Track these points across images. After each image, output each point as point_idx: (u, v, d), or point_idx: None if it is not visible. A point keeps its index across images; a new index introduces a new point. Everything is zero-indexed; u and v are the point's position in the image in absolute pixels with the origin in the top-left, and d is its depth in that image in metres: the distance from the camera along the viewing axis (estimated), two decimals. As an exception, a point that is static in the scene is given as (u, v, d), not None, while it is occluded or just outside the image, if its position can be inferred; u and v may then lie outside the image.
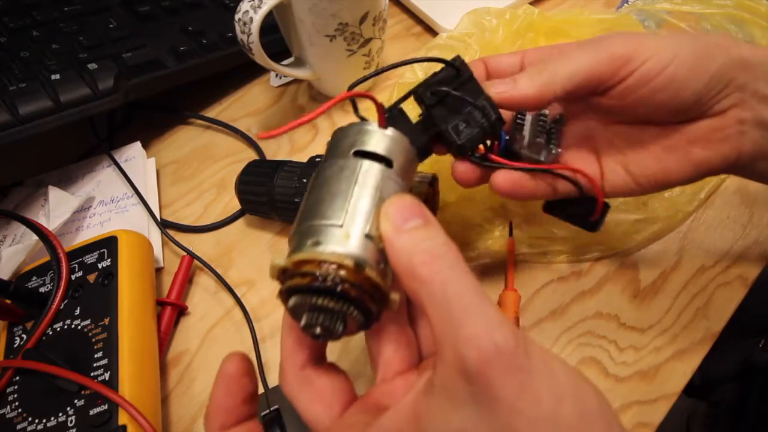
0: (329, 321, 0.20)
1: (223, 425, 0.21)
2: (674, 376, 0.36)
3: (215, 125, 0.51)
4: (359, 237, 0.20)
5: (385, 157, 0.22)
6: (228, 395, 0.21)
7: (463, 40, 0.47)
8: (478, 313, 0.17)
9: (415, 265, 0.18)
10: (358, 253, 0.20)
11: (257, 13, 0.40)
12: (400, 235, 0.19)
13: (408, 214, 0.20)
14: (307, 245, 0.20)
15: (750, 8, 0.45)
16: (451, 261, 0.18)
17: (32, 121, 0.40)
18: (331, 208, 0.21)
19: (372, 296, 0.20)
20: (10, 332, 0.36)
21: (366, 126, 0.23)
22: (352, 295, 0.19)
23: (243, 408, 0.21)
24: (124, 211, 0.45)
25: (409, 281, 0.19)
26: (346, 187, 0.21)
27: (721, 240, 0.41)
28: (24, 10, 0.47)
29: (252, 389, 0.22)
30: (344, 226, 0.20)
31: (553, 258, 0.40)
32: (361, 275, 0.19)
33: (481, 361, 0.17)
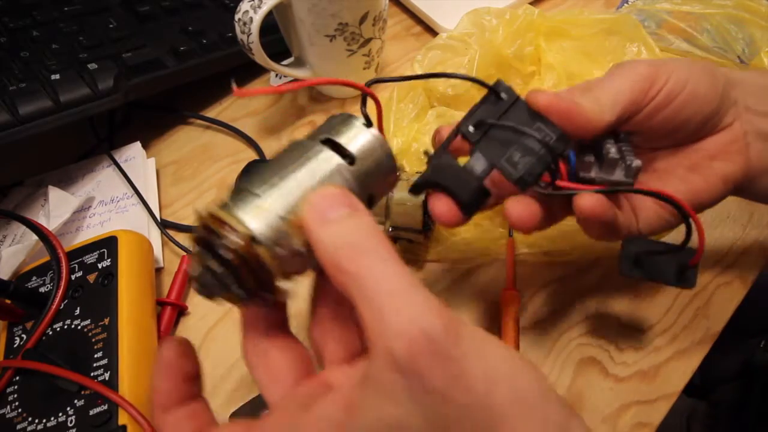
0: (210, 281, 0.20)
1: (163, 407, 0.21)
2: (674, 376, 0.36)
3: (215, 125, 0.51)
4: (271, 214, 0.20)
5: (350, 153, 0.22)
6: (165, 378, 0.21)
7: (463, 40, 0.47)
8: (403, 303, 0.17)
9: (340, 259, 0.18)
10: (260, 229, 0.19)
11: (257, 13, 0.40)
12: (323, 227, 0.19)
13: (333, 203, 0.19)
14: (227, 203, 0.20)
15: (750, 8, 0.45)
16: (375, 252, 0.18)
17: (32, 121, 0.40)
18: (264, 179, 0.20)
19: (256, 274, 0.20)
20: (10, 332, 0.36)
21: (352, 119, 0.23)
22: (234, 265, 0.19)
23: (183, 387, 0.21)
24: (124, 211, 0.45)
25: (335, 275, 0.18)
26: (291, 166, 0.21)
27: (721, 240, 0.41)
28: (24, 10, 0.47)
29: (191, 370, 0.22)
30: (263, 199, 0.20)
31: (553, 258, 0.40)
32: (251, 250, 0.19)
33: (409, 352, 0.17)
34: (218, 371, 0.38)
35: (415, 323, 0.17)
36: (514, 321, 0.37)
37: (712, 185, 0.29)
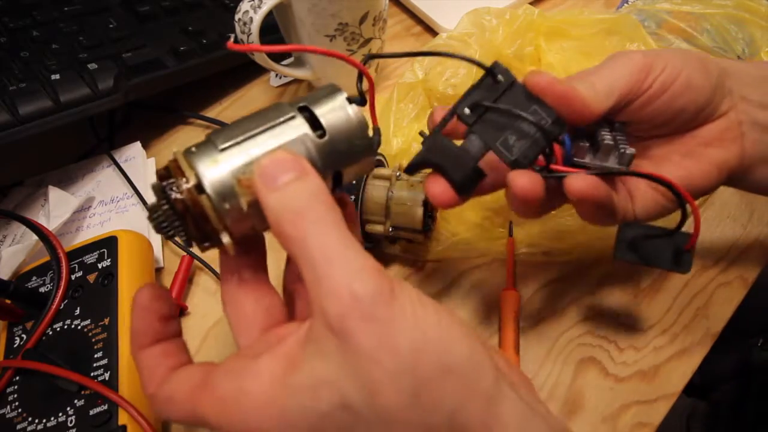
0: (158, 218, 0.21)
1: (140, 345, 0.22)
2: (674, 376, 0.36)
3: (215, 125, 0.51)
4: (225, 169, 0.20)
5: (321, 126, 0.22)
6: (140, 319, 0.22)
7: (463, 40, 0.47)
8: (338, 266, 0.18)
9: (283, 224, 0.19)
10: (209, 179, 0.20)
11: (257, 13, 0.40)
12: (270, 194, 0.19)
13: (282, 168, 0.19)
14: (190, 150, 0.21)
15: (750, 8, 0.45)
16: (317, 217, 0.19)
17: (32, 121, 0.40)
18: (229, 134, 0.21)
19: (195, 221, 0.20)
20: (10, 332, 0.36)
21: (337, 94, 0.23)
22: (177, 208, 0.20)
23: (157, 327, 0.22)
24: (124, 211, 0.45)
25: (280, 239, 0.19)
26: (258, 126, 0.21)
27: (721, 240, 0.41)
28: (24, 10, 0.47)
29: (165, 310, 0.23)
30: (222, 152, 0.20)
31: (553, 258, 0.40)
32: (194, 197, 0.20)
33: (339, 312, 0.17)
34: (218, 371, 0.38)
35: (346, 286, 0.17)
36: (514, 321, 0.37)
37: (706, 172, 0.29)
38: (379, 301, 0.18)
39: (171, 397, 0.21)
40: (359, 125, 0.22)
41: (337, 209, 0.19)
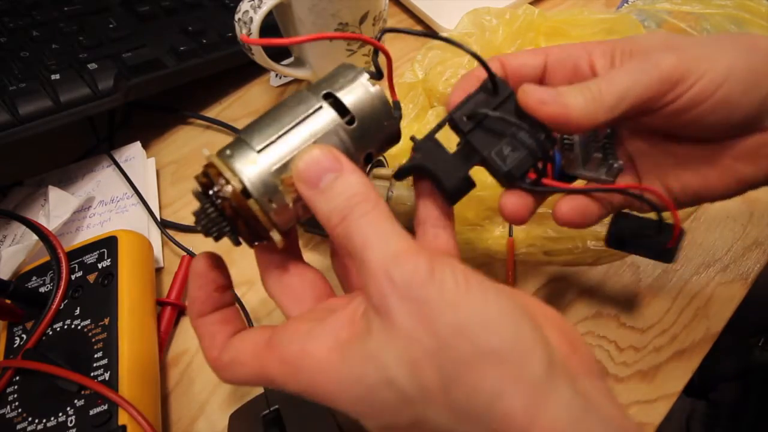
0: (207, 224, 0.21)
1: (200, 313, 0.23)
2: (674, 376, 0.36)
3: (215, 125, 0.51)
4: (265, 169, 0.21)
5: (349, 111, 0.22)
6: (199, 288, 0.23)
7: (463, 40, 0.47)
8: (377, 251, 0.19)
9: (333, 224, 0.20)
10: (253, 182, 0.21)
11: (257, 13, 0.40)
12: (316, 198, 0.21)
13: (319, 172, 0.21)
14: (225, 153, 0.21)
15: (750, 8, 0.45)
16: (360, 212, 0.20)
17: (32, 121, 0.40)
18: (261, 132, 0.21)
19: (247, 223, 0.21)
20: (10, 332, 0.36)
21: (358, 74, 0.23)
22: (227, 214, 0.21)
23: (216, 296, 0.24)
24: (124, 211, 0.45)
25: (332, 236, 0.21)
26: (289, 120, 0.21)
27: (721, 240, 0.41)
28: (24, 10, 0.47)
29: (222, 280, 0.24)
30: (260, 153, 0.21)
31: (553, 258, 0.40)
32: (242, 201, 0.21)
33: (378, 294, 0.18)
34: (218, 371, 0.38)
35: (383, 269, 0.19)
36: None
37: (726, 184, 0.27)
38: (415, 282, 0.18)
39: (236, 358, 0.22)
40: (384, 106, 0.23)
41: (376, 198, 0.20)
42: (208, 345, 0.23)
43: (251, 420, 0.32)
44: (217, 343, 0.23)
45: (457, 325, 0.18)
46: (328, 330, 0.21)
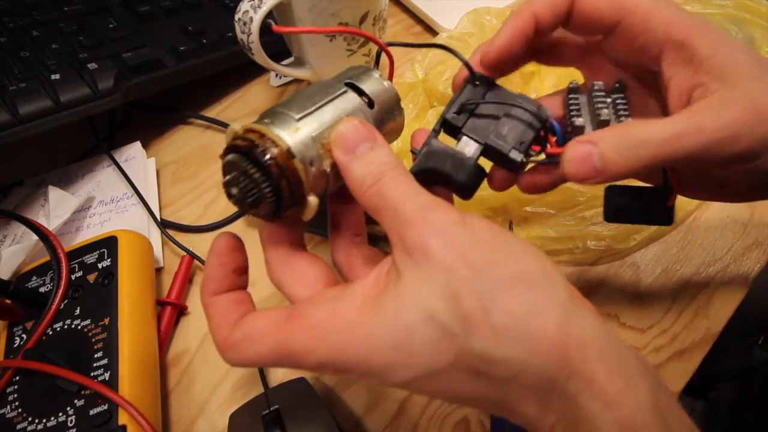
0: (246, 187, 0.22)
1: (214, 291, 0.24)
2: (674, 376, 0.36)
3: (215, 125, 0.51)
4: (306, 134, 0.22)
5: (368, 95, 0.25)
6: (218, 266, 0.24)
7: (463, 39, 0.47)
8: (413, 203, 0.20)
9: (366, 186, 0.21)
10: (297, 144, 0.22)
11: (257, 13, 0.40)
12: (351, 164, 0.22)
13: (356, 140, 0.22)
14: (263, 121, 0.22)
15: (750, 8, 0.45)
16: (391, 175, 0.21)
17: (32, 121, 0.40)
18: (297, 106, 0.23)
19: (290, 185, 0.22)
20: (10, 332, 0.36)
21: (370, 70, 0.26)
22: (273, 172, 0.21)
23: (232, 277, 0.24)
24: (124, 211, 0.45)
25: (362, 199, 0.22)
26: (320, 98, 0.23)
27: (721, 240, 0.41)
28: (24, 10, 0.47)
29: (241, 262, 0.24)
30: (299, 121, 0.22)
31: (553, 258, 0.40)
32: (289, 161, 0.22)
33: (416, 234, 0.20)
34: (218, 371, 0.38)
35: (420, 214, 0.20)
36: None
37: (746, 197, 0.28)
38: (449, 222, 0.20)
39: (250, 334, 0.22)
40: (395, 97, 0.26)
41: (404, 167, 0.22)
42: (218, 324, 0.23)
43: (251, 420, 0.32)
44: (228, 321, 0.23)
45: (490, 258, 0.19)
46: (357, 292, 0.21)
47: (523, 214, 0.41)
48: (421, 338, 0.19)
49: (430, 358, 0.19)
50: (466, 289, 0.19)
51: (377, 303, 0.20)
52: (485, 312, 0.18)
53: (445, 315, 0.19)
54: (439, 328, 0.19)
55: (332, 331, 0.20)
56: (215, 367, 0.38)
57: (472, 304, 0.18)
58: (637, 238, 0.40)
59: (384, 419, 0.36)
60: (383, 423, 0.35)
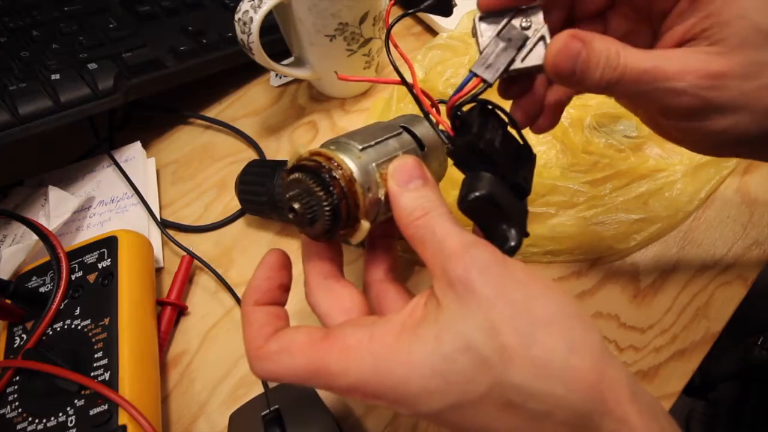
0: (307, 203, 0.23)
1: (256, 301, 0.24)
2: (674, 376, 0.36)
3: (215, 125, 0.51)
4: (368, 163, 0.24)
5: (419, 139, 0.28)
6: (266, 279, 0.25)
7: (463, 39, 0.47)
8: (458, 239, 0.21)
9: (414, 216, 0.23)
10: (358, 171, 0.24)
11: (257, 13, 0.40)
12: (402, 194, 0.23)
13: (411, 175, 0.24)
14: (328, 147, 0.24)
15: None
16: (438, 212, 0.23)
17: (32, 121, 0.40)
18: (361, 139, 0.25)
19: (348, 206, 0.23)
20: (10, 332, 0.36)
21: (420, 118, 0.29)
22: (335, 193, 0.23)
23: (276, 293, 0.25)
24: (124, 211, 0.45)
25: (408, 229, 0.23)
26: (381, 135, 0.26)
27: (721, 240, 0.41)
28: (24, 10, 0.47)
29: (287, 280, 0.26)
30: (362, 151, 0.24)
31: (553, 258, 0.40)
32: (351, 184, 0.23)
33: (460, 268, 0.20)
34: (218, 371, 0.38)
35: (466, 250, 0.21)
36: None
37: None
38: (492, 260, 0.21)
39: (286, 348, 0.22)
40: (443, 145, 0.27)
41: (449, 210, 0.23)
42: (255, 333, 0.23)
43: (251, 420, 0.32)
44: (264, 332, 0.23)
45: (529, 297, 0.20)
46: (395, 320, 0.22)
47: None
48: (459, 366, 0.19)
49: (465, 387, 0.19)
50: (506, 324, 0.19)
51: (418, 331, 0.20)
52: (525, 346, 0.19)
53: (484, 346, 0.19)
54: (477, 358, 0.19)
55: (369, 354, 0.21)
56: (215, 367, 0.38)
57: (512, 338, 0.19)
58: (637, 238, 0.40)
59: (384, 419, 0.36)
60: (383, 423, 0.35)
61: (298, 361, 0.21)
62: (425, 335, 0.20)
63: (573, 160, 0.42)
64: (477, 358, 0.19)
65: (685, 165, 0.41)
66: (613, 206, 0.40)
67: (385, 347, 0.20)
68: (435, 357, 0.19)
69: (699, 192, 0.41)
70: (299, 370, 0.21)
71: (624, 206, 0.40)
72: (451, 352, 0.19)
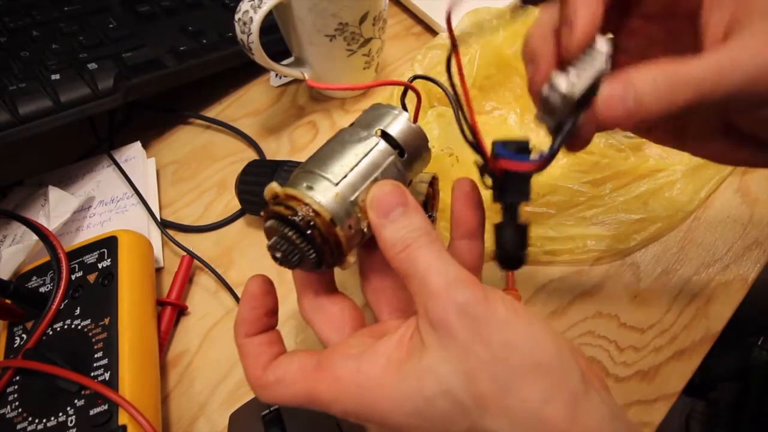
0: (290, 251, 0.23)
1: (246, 333, 0.25)
2: (674, 376, 0.36)
3: (215, 125, 0.51)
4: (345, 200, 0.23)
5: (400, 145, 0.26)
6: (251, 309, 0.25)
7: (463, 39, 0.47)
8: (440, 276, 0.21)
9: (397, 250, 0.22)
10: (337, 211, 0.23)
11: (257, 13, 0.40)
12: (384, 227, 0.23)
13: (390, 204, 0.23)
14: (303, 186, 0.23)
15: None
16: (420, 243, 0.22)
17: (32, 121, 0.40)
18: (335, 167, 0.24)
19: (332, 249, 0.23)
20: (10, 332, 0.36)
21: (401, 114, 0.26)
22: (316, 241, 0.23)
23: (264, 320, 0.25)
24: (124, 211, 0.45)
25: (393, 262, 0.23)
26: (355, 156, 0.24)
27: (721, 240, 0.41)
28: (24, 10, 0.47)
29: (272, 305, 0.26)
30: (338, 186, 0.23)
31: (553, 258, 0.40)
32: (330, 229, 0.23)
33: (440, 310, 0.20)
34: (218, 371, 0.38)
35: (446, 290, 0.20)
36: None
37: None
38: (473, 302, 0.20)
39: (281, 379, 0.23)
40: (423, 139, 0.26)
41: (435, 234, 0.23)
42: (252, 364, 0.24)
43: (251, 420, 0.32)
44: (261, 362, 0.24)
45: (509, 342, 0.20)
46: (381, 352, 0.22)
47: (524, 215, 0.41)
48: (438, 409, 0.20)
49: (444, 426, 0.20)
50: (483, 371, 0.20)
51: (402, 369, 0.21)
52: (501, 395, 0.19)
53: (460, 392, 0.20)
54: (455, 403, 0.20)
55: (356, 386, 0.21)
56: (215, 367, 0.38)
57: (488, 386, 0.19)
58: (637, 238, 0.40)
59: (384, 419, 0.36)
60: (383, 423, 0.35)
61: (292, 391, 0.23)
62: (409, 375, 0.21)
63: (573, 160, 0.42)
64: (455, 402, 0.20)
65: (685, 165, 0.41)
66: (613, 206, 0.40)
67: (370, 381, 0.21)
68: (417, 398, 0.20)
69: (699, 192, 0.41)
70: (296, 398, 0.23)
71: (624, 206, 0.40)
72: (432, 396, 0.20)
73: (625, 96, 0.21)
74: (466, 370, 0.20)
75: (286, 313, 0.40)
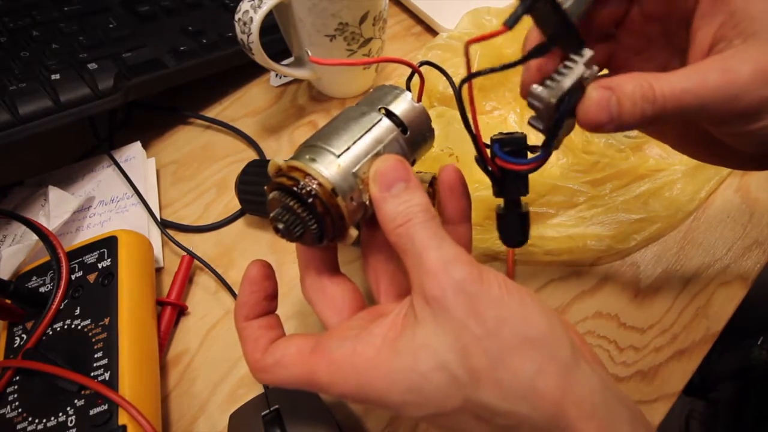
0: (292, 222, 0.23)
1: (246, 317, 0.26)
2: (674, 376, 0.36)
3: (215, 125, 0.51)
4: (347, 171, 0.24)
5: (403, 123, 0.26)
6: (251, 293, 0.26)
7: (463, 39, 0.47)
8: (437, 254, 0.21)
9: (396, 224, 0.23)
10: (339, 183, 0.23)
11: (257, 13, 0.40)
12: (385, 201, 0.23)
13: (392, 178, 0.23)
14: (305, 158, 0.24)
15: None
16: (421, 218, 0.22)
17: (32, 121, 0.40)
18: (338, 140, 0.24)
19: (333, 220, 0.23)
20: (10, 332, 0.36)
21: (403, 93, 0.27)
22: (318, 211, 0.23)
23: (264, 304, 0.26)
24: (124, 211, 0.45)
25: (391, 236, 0.23)
26: (358, 130, 0.25)
27: (721, 240, 0.41)
28: (24, 10, 0.47)
29: (272, 290, 0.26)
30: (340, 157, 0.24)
31: (553, 258, 0.40)
32: (332, 200, 0.23)
33: (436, 287, 0.21)
34: (218, 371, 0.38)
35: (442, 268, 0.21)
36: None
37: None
38: (469, 280, 0.21)
39: (280, 361, 0.24)
40: (427, 119, 0.27)
41: (434, 212, 0.23)
42: (251, 347, 0.25)
43: (251, 420, 0.32)
44: (260, 346, 0.25)
45: (502, 318, 0.20)
46: (376, 333, 0.22)
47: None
48: (434, 384, 0.21)
49: (441, 402, 0.21)
50: (477, 345, 0.20)
51: (396, 346, 0.21)
52: (493, 369, 0.20)
53: (455, 366, 0.20)
54: (449, 377, 0.20)
55: (353, 368, 0.22)
56: (215, 367, 0.38)
57: (481, 360, 0.20)
58: (637, 238, 0.40)
59: (384, 419, 0.36)
60: (383, 423, 0.35)
61: (291, 373, 0.23)
62: (403, 351, 0.21)
63: (573, 160, 0.42)
64: (450, 376, 0.20)
65: (685, 165, 0.41)
66: (613, 206, 0.40)
67: (366, 362, 0.22)
68: (413, 375, 0.21)
69: (699, 192, 0.41)
70: (294, 380, 0.23)
71: (624, 206, 0.40)
72: (427, 371, 0.21)
73: (609, 102, 0.23)
74: (460, 344, 0.20)
75: (286, 313, 0.40)
